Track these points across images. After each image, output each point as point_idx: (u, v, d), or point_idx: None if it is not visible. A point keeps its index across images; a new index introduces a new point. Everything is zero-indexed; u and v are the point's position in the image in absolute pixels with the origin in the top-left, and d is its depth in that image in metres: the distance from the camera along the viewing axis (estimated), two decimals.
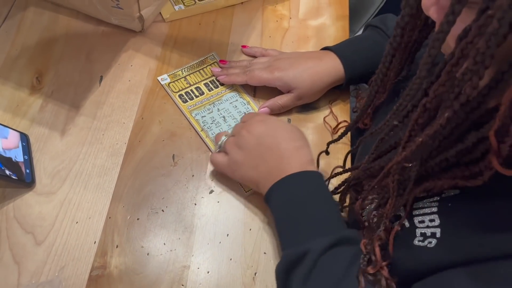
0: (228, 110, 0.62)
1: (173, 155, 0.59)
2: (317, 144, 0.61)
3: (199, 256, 0.52)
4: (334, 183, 0.55)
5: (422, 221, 0.39)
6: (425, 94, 0.34)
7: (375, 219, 0.42)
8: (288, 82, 0.60)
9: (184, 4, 0.72)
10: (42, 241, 0.51)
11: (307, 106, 0.64)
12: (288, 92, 0.61)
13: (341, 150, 0.61)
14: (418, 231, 0.39)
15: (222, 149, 0.55)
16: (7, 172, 0.51)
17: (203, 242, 0.53)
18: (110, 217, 0.54)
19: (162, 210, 0.55)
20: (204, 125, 0.61)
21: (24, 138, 0.57)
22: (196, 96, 0.63)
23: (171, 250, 0.52)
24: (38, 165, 0.56)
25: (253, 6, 0.75)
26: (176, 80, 0.64)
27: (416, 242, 0.39)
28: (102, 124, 0.61)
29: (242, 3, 0.75)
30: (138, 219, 0.54)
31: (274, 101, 0.62)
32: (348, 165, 0.58)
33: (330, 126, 0.63)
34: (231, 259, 0.52)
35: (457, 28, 0.30)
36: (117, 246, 0.52)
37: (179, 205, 0.56)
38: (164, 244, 0.53)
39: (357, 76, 0.61)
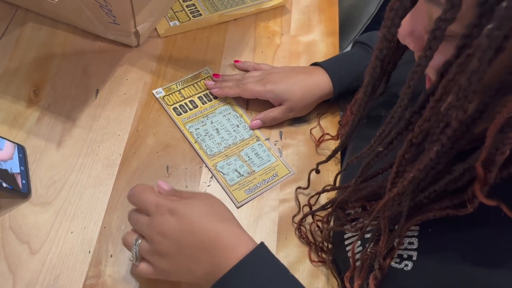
0: (221, 122, 0.64)
1: (167, 166, 0.60)
2: (308, 155, 0.63)
3: None
4: (321, 201, 0.57)
5: (401, 243, 0.39)
6: (408, 123, 0.34)
7: (368, 259, 0.41)
8: (279, 95, 0.62)
9: (179, 20, 0.74)
10: (37, 250, 0.52)
11: (298, 119, 0.66)
12: (280, 105, 0.63)
13: (332, 161, 0.63)
14: (395, 253, 0.40)
15: (139, 258, 0.46)
16: (3, 183, 0.52)
17: None
18: (104, 227, 0.55)
19: None
20: (198, 137, 0.62)
21: (21, 149, 0.58)
22: (190, 109, 0.64)
23: None
24: (34, 176, 0.57)
25: (246, 22, 0.77)
26: (171, 94, 0.66)
27: (392, 263, 0.39)
28: (97, 136, 0.62)
29: (235, 19, 0.77)
30: (132, 229, 0.55)
31: (266, 113, 0.64)
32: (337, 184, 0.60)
33: (315, 138, 0.65)
34: None
35: (436, 61, 0.30)
36: (111, 256, 0.53)
37: None
38: None
39: (345, 90, 0.64)
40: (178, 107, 0.64)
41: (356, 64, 0.63)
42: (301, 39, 0.76)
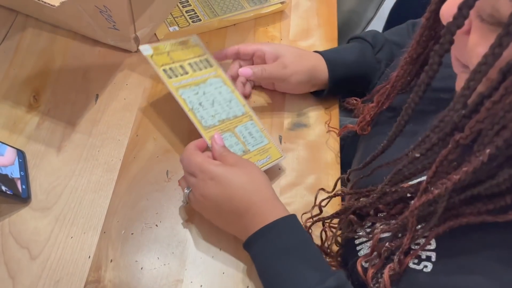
0: (214, 94, 0.61)
1: (167, 171, 0.61)
2: (307, 159, 0.63)
3: (192, 270, 0.53)
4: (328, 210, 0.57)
5: (418, 243, 0.39)
6: (455, 128, 0.33)
7: (387, 252, 0.40)
8: (276, 48, 0.62)
9: (178, 26, 0.74)
10: (37, 255, 0.52)
11: (297, 123, 0.66)
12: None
13: (332, 165, 0.63)
14: (416, 253, 0.39)
15: (188, 202, 0.54)
16: (3, 188, 0.52)
17: (196, 257, 0.54)
18: (104, 232, 0.55)
19: (156, 225, 0.56)
20: (192, 106, 0.59)
21: (21, 154, 0.58)
22: (181, 74, 0.60)
23: (164, 264, 0.53)
24: (34, 181, 0.57)
25: (245, 27, 0.77)
26: (160, 54, 0.61)
27: (410, 264, 0.39)
28: (97, 141, 0.62)
29: (234, 24, 0.77)
30: (132, 233, 0.55)
31: (259, 66, 0.61)
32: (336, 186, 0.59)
33: (332, 128, 0.65)
34: (223, 273, 0.53)
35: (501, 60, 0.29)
36: (111, 261, 0.52)
37: (173, 220, 0.57)
38: (158, 258, 0.53)
39: (340, 77, 0.63)
40: (168, 70, 0.60)
41: (350, 53, 0.64)
42: (300, 44, 0.76)
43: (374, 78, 0.64)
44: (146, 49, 0.60)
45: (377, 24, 1.02)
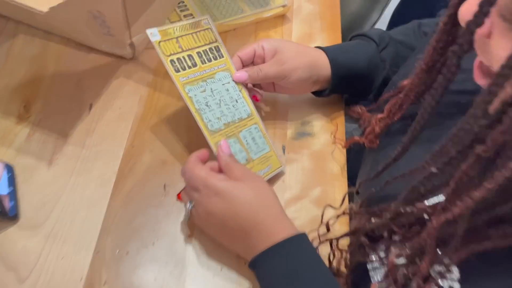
0: (221, 93, 0.56)
1: (164, 184, 0.57)
2: (312, 170, 0.60)
3: None
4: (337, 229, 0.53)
5: (439, 272, 0.35)
6: (475, 139, 0.30)
7: (403, 278, 0.37)
8: (273, 44, 0.57)
9: None
10: (25, 278, 0.49)
11: (301, 132, 0.63)
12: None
13: (338, 176, 0.59)
14: (433, 282, 0.36)
15: (190, 218, 0.51)
16: None
17: (196, 276, 0.51)
18: (98, 252, 0.51)
19: (153, 243, 0.53)
20: (199, 106, 0.54)
21: (9, 169, 0.55)
22: (189, 67, 0.55)
23: (162, 286, 0.50)
24: (23, 197, 0.54)
25: (246, 32, 0.74)
26: (168, 40, 0.55)
27: None
28: (91, 153, 0.59)
29: (234, 29, 0.74)
30: (127, 253, 0.52)
31: (255, 67, 0.56)
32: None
33: (338, 139, 0.62)
34: None
35: None
36: (105, 283, 0.49)
37: (171, 237, 0.53)
38: (155, 279, 0.50)
39: (343, 75, 0.59)
40: (176, 61, 0.54)
41: (353, 48, 0.61)
42: None
43: (378, 77, 0.60)
44: (153, 34, 0.55)
45: (380, 27, 0.99)
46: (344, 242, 0.48)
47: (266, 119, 0.64)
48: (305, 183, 0.59)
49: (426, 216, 0.37)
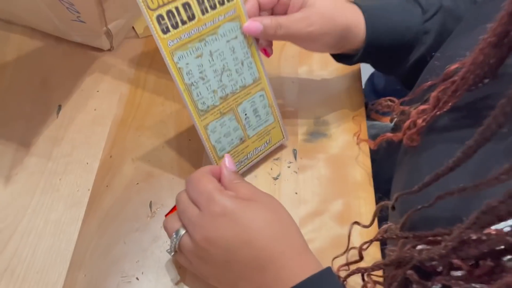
0: (223, 55, 0.43)
1: (150, 202, 0.46)
2: (331, 179, 0.49)
3: None
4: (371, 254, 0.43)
5: None
6: None
7: None
8: None
9: None
10: None
11: (315, 133, 0.52)
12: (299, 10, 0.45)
13: (363, 185, 0.49)
14: None
15: (177, 251, 0.38)
16: None
17: None
18: None
19: (137, 278, 0.42)
20: (189, 79, 0.41)
21: None
22: (183, 22, 0.40)
23: None
24: None
25: None
26: None
27: None
28: (59, 166, 0.48)
29: None
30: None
31: (273, 18, 0.43)
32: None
33: (362, 140, 0.51)
34: None
35: None
36: None
37: (159, 269, 0.42)
38: None
39: (377, 46, 0.47)
40: (165, 15, 0.39)
41: (395, 13, 0.48)
42: None
43: (416, 52, 0.49)
44: None
45: None
46: (378, 271, 0.38)
47: None
48: (323, 195, 0.48)
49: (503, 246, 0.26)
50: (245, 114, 0.46)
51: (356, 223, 0.42)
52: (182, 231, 0.37)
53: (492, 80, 0.35)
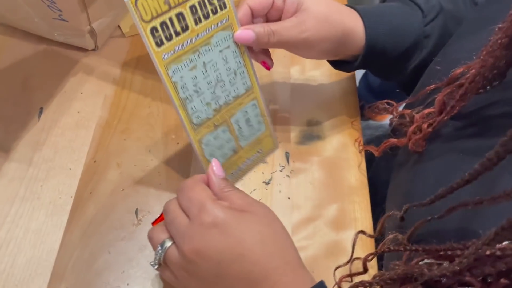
0: (217, 65, 0.41)
1: (136, 209, 0.44)
2: (325, 183, 0.47)
3: None
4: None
5: None
6: None
7: None
8: None
9: None
10: None
11: (308, 135, 0.51)
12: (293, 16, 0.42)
13: (358, 189, 0.47)
14: None
15: (161, 264, 0.36)
16: None
17: None
18: None
19: None
20: (184, 93, 0.40)
21: None
22: (177, 34, 0.38)
23: None
24: None
25: None
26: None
27: None
28: (40, 172, 0.46)
29: None
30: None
31: (265, 25, 0.41)
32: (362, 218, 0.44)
33: (370, 147, 0.47)
34: None
35: None
36: None
37: (145, 280, 0.40)
38: None
39: (376, 53, 0.45)
40: (159, 27, 0.37)
41: (395, 16, 0.46)
42: None
43: (416, 57, 0.47)
44: None
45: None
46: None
47: None
48: (317, 200, 0.46)
49: None
50: (238, 125, 0.45)
51: (362, 232, 0.39)
52: (169, 243, 0.34)
53: (500, 84, 0.33)
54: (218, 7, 0.39)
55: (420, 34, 0.45)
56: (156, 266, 0.35)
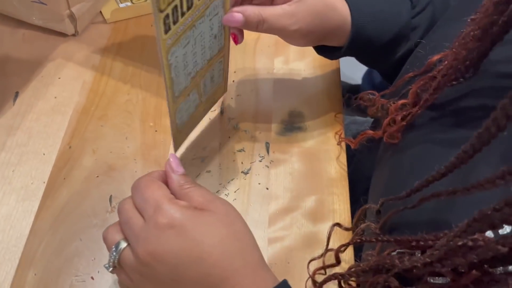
0: (203, 35, 0.39)
1: (111, 196, 0.43)
2: (304, 174, 0.47)
3: None
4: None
5: None
6: None
7: None
8: None
9: (131, 1, 0.57)
10: None
11: (289, 126, 0.50)
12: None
13: (338, 181, 0.46)
14: None
15: (116, 266, 0.34)
16: None
17: None
18: None
19: (92, 278, 0.39)
20: (175, 72, 0.38)
21: None
22: (182, 14, 0.35)
23: None
24: None
25: None
26: None
27: None
28: (13, 156, 0.45)
29: None
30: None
31: (256, 10, 0.40)
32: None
33: (343, 139, 0.48)
34: None
35: None
36: None
37: None
38: None
39: (361, 45, 0.45)
40: (170, 14, 0.34)
41: (386, 9, 0.45)
42: None
43: (402, 48, 0.46)
44: None
45: None
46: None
47: (243, 108, 0.51)
48: (296, 191, 0.46)
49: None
50: (204, 84, 0.43)
51: (338, 224, 0.39)
52: (123, 244, 0.33)
53: (473, 76, 0.32)
54: None
55: (408, 26, 0.45)
56: (111, 269, 0.33)
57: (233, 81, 0.53)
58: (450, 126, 0.33)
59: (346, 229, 0.39)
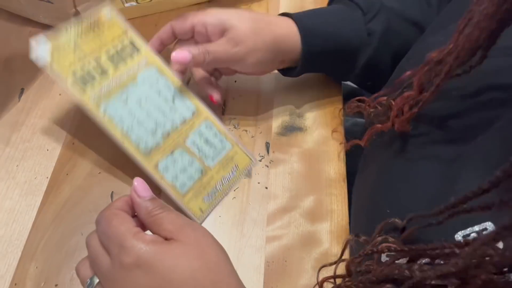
0: (150, 97, 0.42)
1: (112, 193, 0.44)
2: (303, 175, 0.47)
3: None
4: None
5: None
6: None
7: None
8: (221, 18, 0.44)
9: (137, 1, 0.58)
10: None
11: (290, 126, 0.51)
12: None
13: (336, 182, 0.47)
14: None
15: None
16: None
17: None
18: (16, 284, 0.38)
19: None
20: (124, 126, 0.40)
21: None
22: (99, 76, 0.41)
23: None
24: None
25: (224, 5, 0.61)
26: (63, 50, 0.40)
27: None
28: (17, 152, 0.46)
29: (209, 1, 0.61)
30: (56, 285, 0.39)
31: (200, 46, 0.43)
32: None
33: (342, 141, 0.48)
34: None
35: None
36: None
37: None
38: None
39: (317, 52, 0.46)
40: (79, 72, 0.39)
41: (331, 17, 0.47)
42: None
43: (362, 55, 0.47)
44: (39, 42, 0.39)
45: None
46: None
47: (243, 108, 0.51)
48: (294, 191, 0.46)
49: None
50: (196, 146, 0.44)
51: (357, 236, 0.35)
52: (96, 280, 0.31)
53: (479, 64, 0.32)
54: (134, 51, 0.44)
55: (363, 31, 0.46)
56: None
57: (235, 81, 0.53)
58: (442, 129, 0.34)
59: (365, 240, 0.34)
